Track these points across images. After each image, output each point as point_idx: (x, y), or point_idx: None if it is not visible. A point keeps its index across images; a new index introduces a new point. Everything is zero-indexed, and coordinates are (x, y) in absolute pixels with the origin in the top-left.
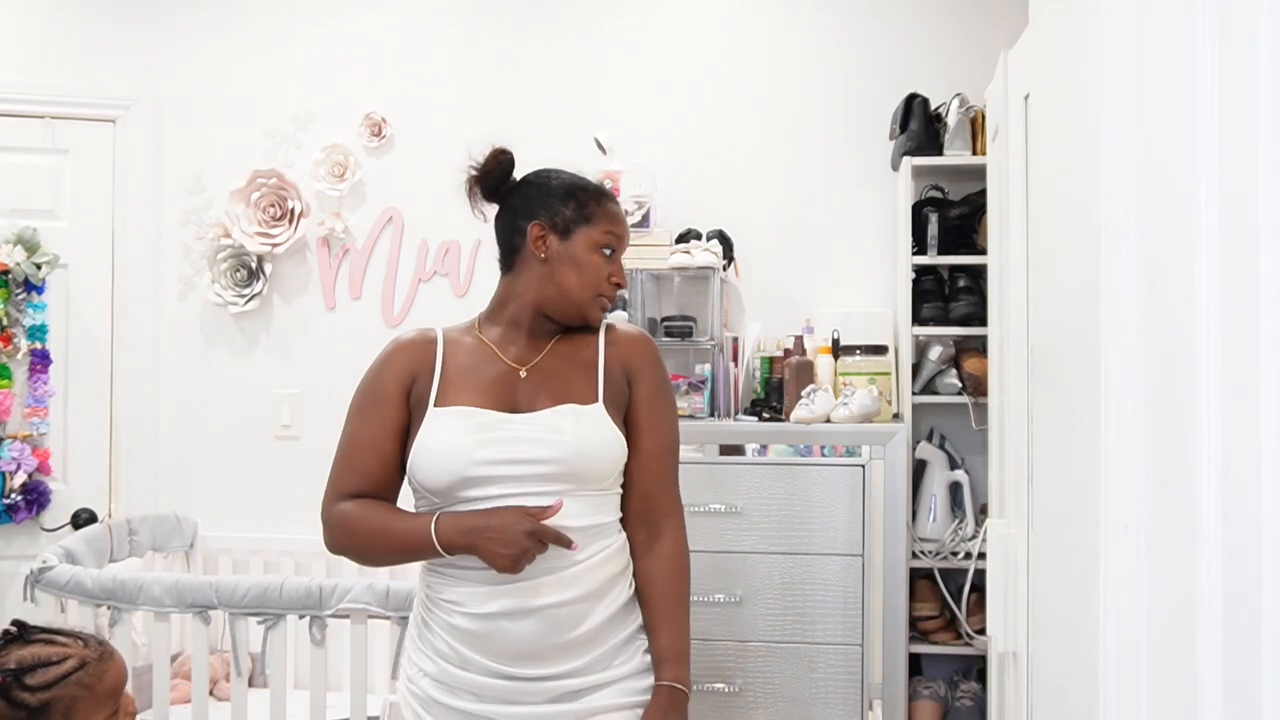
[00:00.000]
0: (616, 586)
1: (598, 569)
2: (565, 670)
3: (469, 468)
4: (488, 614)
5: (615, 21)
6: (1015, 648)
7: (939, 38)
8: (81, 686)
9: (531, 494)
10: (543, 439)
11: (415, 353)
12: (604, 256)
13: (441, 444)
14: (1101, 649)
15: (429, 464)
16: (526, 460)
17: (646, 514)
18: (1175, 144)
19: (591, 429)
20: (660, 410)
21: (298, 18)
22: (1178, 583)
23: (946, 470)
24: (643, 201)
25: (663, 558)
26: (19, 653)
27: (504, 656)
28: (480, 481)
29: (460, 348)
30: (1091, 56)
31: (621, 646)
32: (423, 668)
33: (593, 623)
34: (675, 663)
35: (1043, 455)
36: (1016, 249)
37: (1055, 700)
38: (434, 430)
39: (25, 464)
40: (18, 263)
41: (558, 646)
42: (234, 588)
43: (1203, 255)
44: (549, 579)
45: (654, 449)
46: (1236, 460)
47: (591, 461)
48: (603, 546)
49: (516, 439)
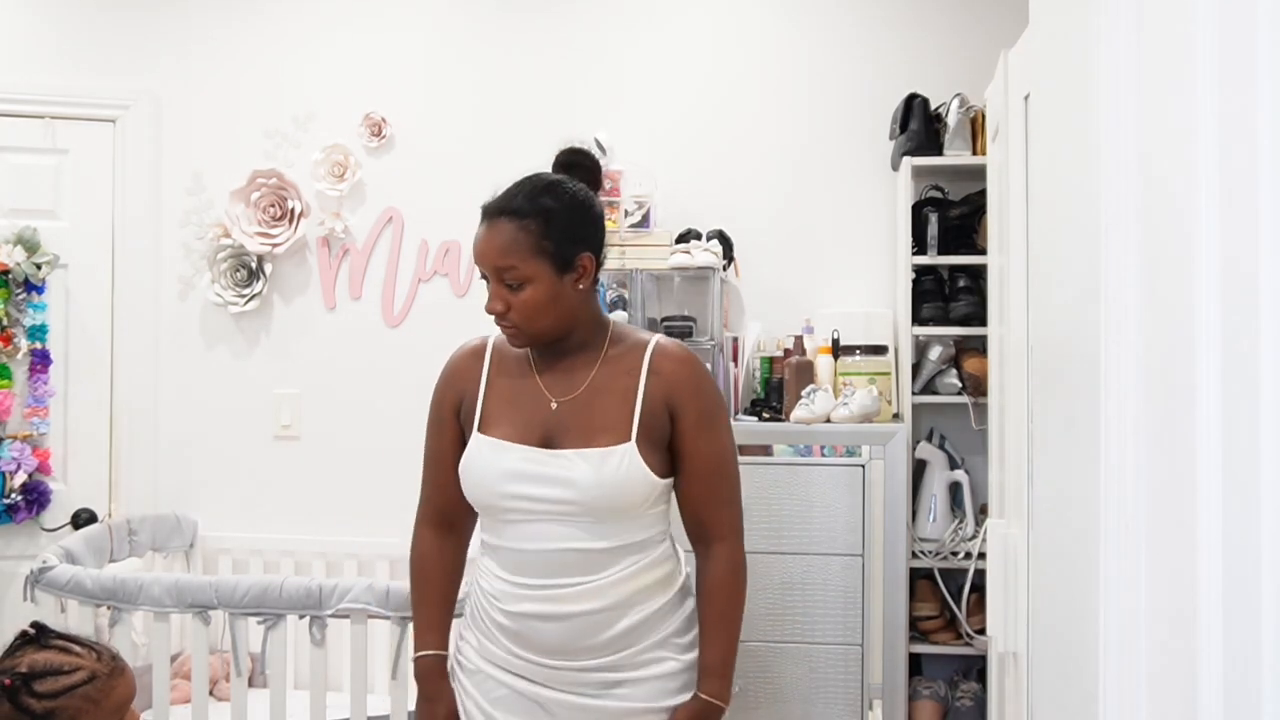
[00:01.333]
0: (654, 596)
1: (627, 581)
2: (595, 665)
3: (496, 499)
4: (520, 613)
5: (616, 21)
6: (1015, 648)
7: (939, 38)
8: (88, 700)
9: (554, 524)
10: (564, 480)
11: (463, 370)
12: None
13: (475, 474)
14: (1101, 649)
15: (467, 488)
16: (547, 500)
17: (698, 533)
18: (1175, 144)
19: (616, 470)
20: (707, 435)
21: (298, 18)
22: (1178, 583)
23: (946, 470)
24: (643, 201)
25: (711, 578)
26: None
27: (535, 649)
28: (507, 511)
29: (507, 365)
30: (1091, 56)
31: (656, 647)
32: (468, 640)
33: (622, 627)
34: (714, 677)
35: (1043, 455)
36: (1016, 249)
37: (1055, 700)
38: (472, 458)
39: (25, 464)
40: (18, 263)
41: (586, 647)
42: (234, 588)
43: (1203, 255)
44: (575, 589)
45: (701, 472)
46: (1236, 460)
47: (613, 501)
48: (634, 560)
49: (540, 478)
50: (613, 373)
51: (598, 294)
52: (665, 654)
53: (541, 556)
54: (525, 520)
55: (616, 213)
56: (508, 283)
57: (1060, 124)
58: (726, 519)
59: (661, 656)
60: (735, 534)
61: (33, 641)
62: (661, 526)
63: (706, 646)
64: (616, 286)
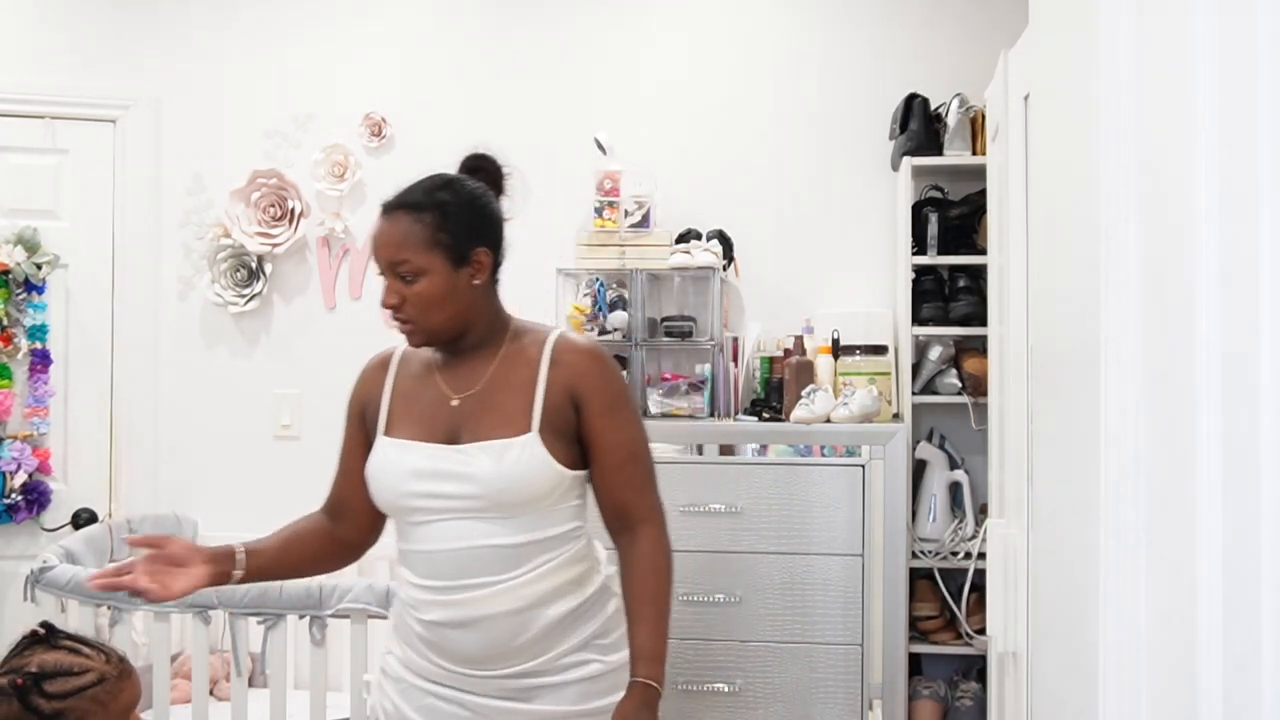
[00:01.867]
0: (569, 595)
1: (539, 581)
2: (515, 671)
3: (401, 499)
4: (433, 621)
5: (616, 21)
6: (1015, 648)
7: (939, 38)
8: (96, 702)
9: (461, 521)
10: (465, 474)
11: (369, 378)
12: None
13: (380, 476)
14: (1101, 649)
15: (375, 492)
16: (450, 495)
17: (620, 521)
18: (1175, 144)
19: (517, 461)
20: (616, 422)
21: (298, 18)
22: (1178, 582)
23: (946, 470)
24: (643, 201)
25: (638, 563)
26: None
27: (454, 659)
28: (413, 511)
29: (410, 369)
30: (1091, 56)
31: (578, 649)
32: (394, 651)
33: (537, 630)
34: (649, 660)
35: (1043, 455)
36: (1016, 249)
37: (1055, 700)
38: (377, 460)
39: (25, 464)
40: (18, 263)
41: (503, 654)
42: (234, 588)
43: (1203, 255)
44: (485, 592)
45: (614, 460)
46: (1236, 460)
47: (516, 494)
48: (547, 558)
49: (443, 474)
50: (512, 366)
51: (498, 292)
52: (588, 656)
53: (451, 556)
54: (433, 520)
55: (616, 212)
56: (402, 275)
57: (1060, 124)
58: (646, 503)
59: (585, 659)
60: (657, 516)
61: (42, 641)
62: (576, 523)
63: (639, 631)
64: (616, 286)
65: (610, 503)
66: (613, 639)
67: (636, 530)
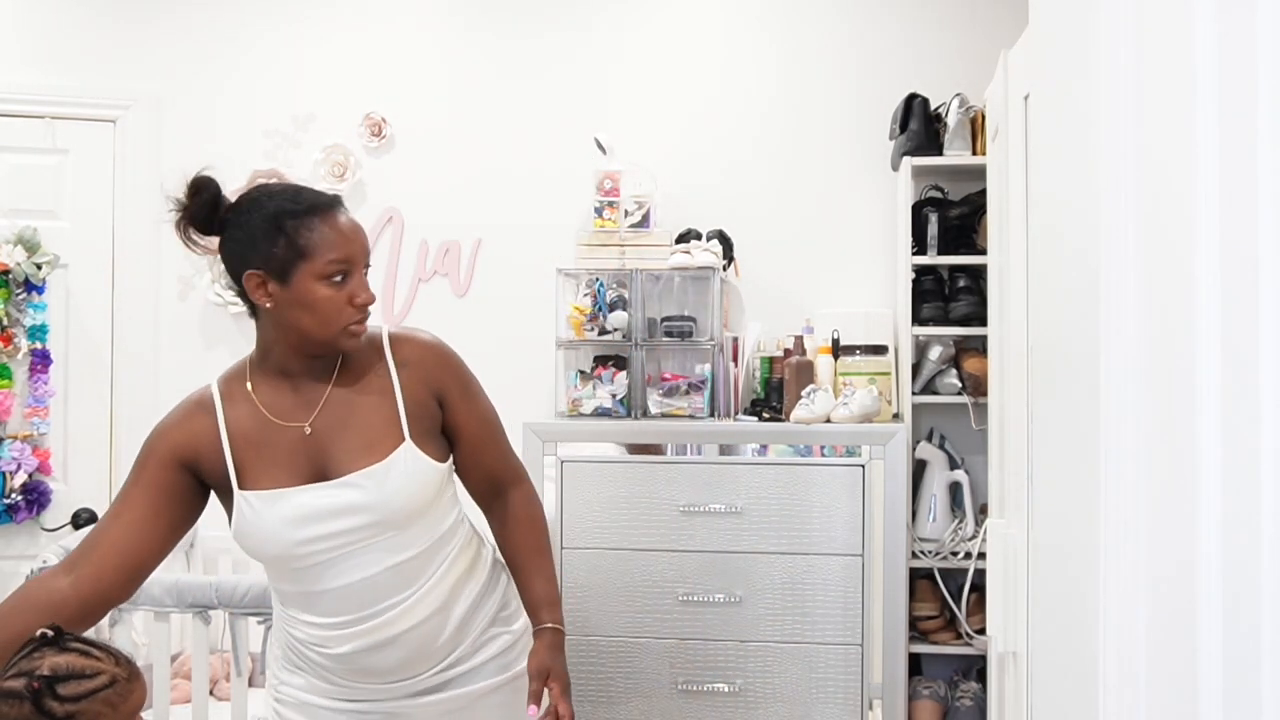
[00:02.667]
0: (471, 580)
1: (443, 580)
2: (436, 669)
3: (289, 549)
4: (345, 653)
5: (615, 21)
6: (1015, 648)
7: (939, 38)
8: (107, 704)
9: (358, 554)
10: (355, 507)
11: (193, 426)
12: (335, 285)
13: (257, 533)
14: (1101, 649)
15: (255, 547)
16: (340, 532)
17: (492, 489)
18: (1175, 144)
19: (402, 475)
20: (472, 402)
21: (298, 18)
22: (1178, 582)
23: (946, 470)
24: (643, 201)
25: (518, 520)
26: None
27: (374, 676)
28: (303, 558)
29: (237, 410)
30: (1091, 56)
31: (487, 627)
32: (288, 681)
33: (454, 624)
34: (550, 606)
35: (1043, 455)
36: (1016, 249)
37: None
38: (245, 518)
39: (25, 464)
40: (18, 263)
41: (425, 656)
42: (234, 588)
43: (1203, 255)
44: (396, 611)
45: (481, 436)
46: (1236, 460)
47: (408, 508)
48: (445, 556)
49: (326, 513)
50: (353, 378)
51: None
52: (497, 630)
53: (355, 590)
54: (326, 560)
55: (616, 212)
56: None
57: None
58: (512, 466)
59: (494, 634)
60: (524, 474)
61: (50, 643)
62: (455, 510)
63: (535, 582)
64: (616, 286)
65: (480, 476)
66: (512, 608)
67: (508, 493)
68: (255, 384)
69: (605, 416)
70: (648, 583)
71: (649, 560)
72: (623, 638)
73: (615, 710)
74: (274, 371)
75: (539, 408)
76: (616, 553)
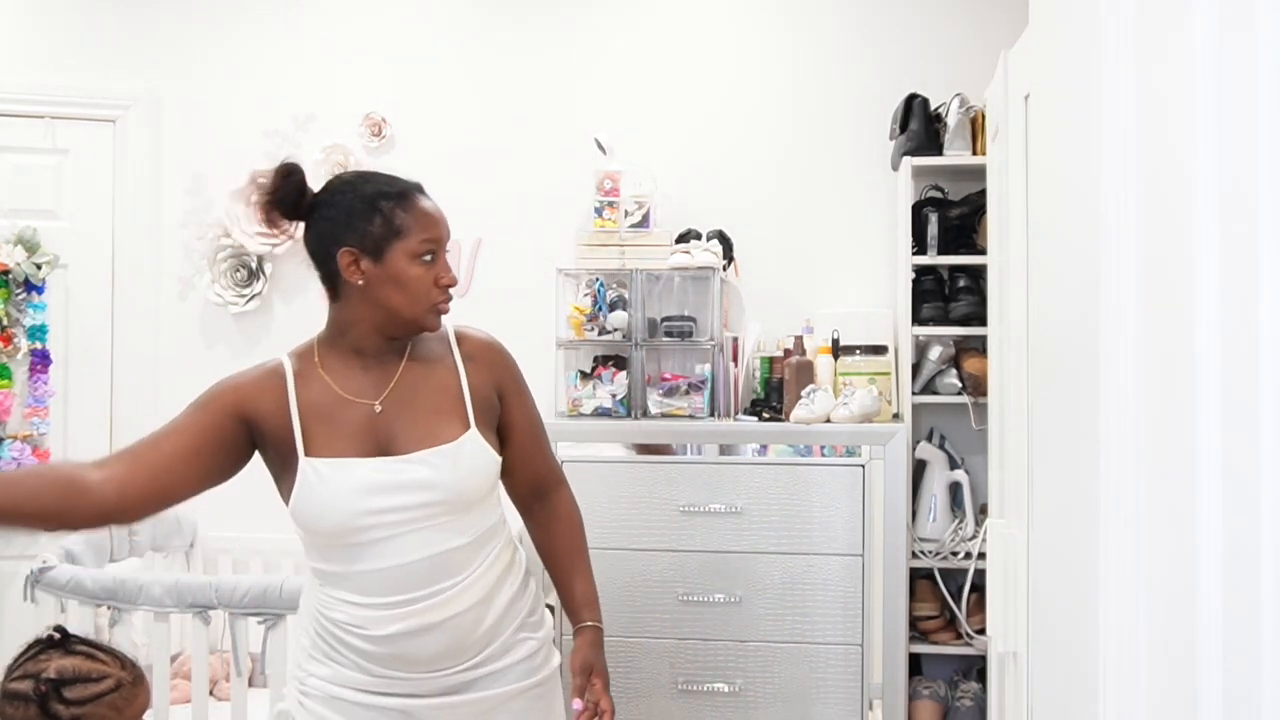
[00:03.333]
0: (509, 581)
1: (490, 570)
2: (468, 664)
3: (352, 519)
4: (389, 635)
5: (615, 22)
6: (1015, 648)
7: (939, 38)
8: (112, 708)
9: (419, 532)
10: (424, 483)
11: (265, 389)
12: (425, 265)
13: (320, 500)
14: (1101, 649)
15: (310, 520)
16: (407, 507)
17: (537, 490)
18: (1175, 143)
19: (469, 461)
20: (525, 401)
21: (298, 18)
22: (1178, 582)
23: (946, 470)
24: (643, 201)
25: (561, 520)
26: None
27: (409, 666)
28: (365, 530)
29: (308, 383)
30: (1091, 56)
31: (517, 631)
32: (316, 673)
33: (491, 619)
34: (591, 605)
35: (1043, 455)
36: (1016, 249)
37: (1055, 700)
38: (310, 485)
39: (25, 464)
40: (18, 263)
41: (461, 649)
42: (234, 588)
43: (1203, 254)
44: (447, 595)
45: (530, 437)
46: (1236, 459)
47: (473, 492)
48: (491, 549)
49: (394, 487)
50: (426, 368)
51: None
52: (524, 635)
53: (408, 569)
54: (386, 536)
55: (616, 212)
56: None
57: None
58: (556, 468)
59: (522, 638)
60: (564, 478)
61: (56, 646)
62: (500, 509)
63: (577, 581)
64: (616, 286)
65: (527, 476)
66: (538, 615)
67: (551, 495)
68: (324, 361)
69: (605, 416)
70: (648, 583)
71: (649, 560)
72: (623, 637)
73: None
74: (347, 350)
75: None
76: (616, 552)
